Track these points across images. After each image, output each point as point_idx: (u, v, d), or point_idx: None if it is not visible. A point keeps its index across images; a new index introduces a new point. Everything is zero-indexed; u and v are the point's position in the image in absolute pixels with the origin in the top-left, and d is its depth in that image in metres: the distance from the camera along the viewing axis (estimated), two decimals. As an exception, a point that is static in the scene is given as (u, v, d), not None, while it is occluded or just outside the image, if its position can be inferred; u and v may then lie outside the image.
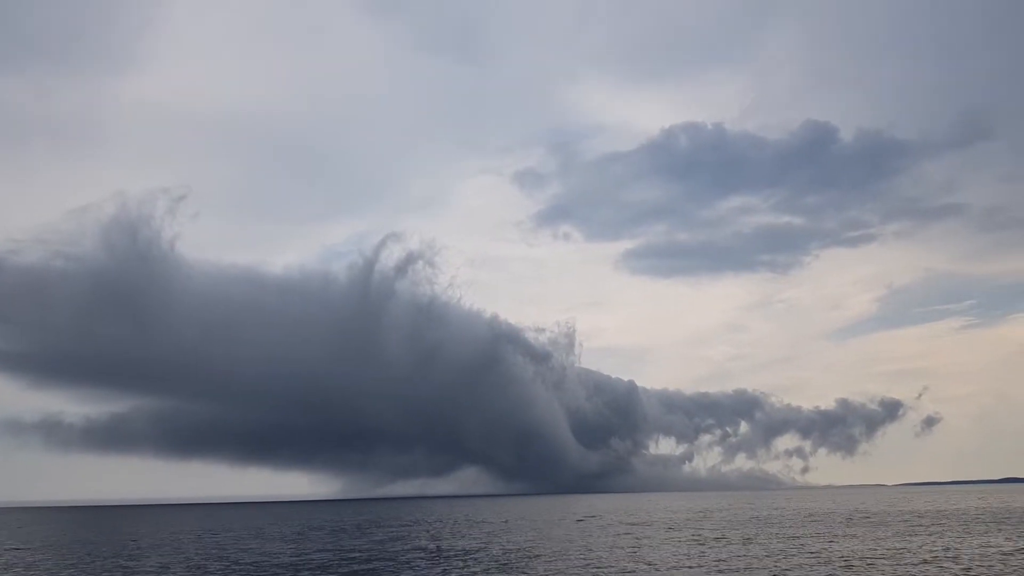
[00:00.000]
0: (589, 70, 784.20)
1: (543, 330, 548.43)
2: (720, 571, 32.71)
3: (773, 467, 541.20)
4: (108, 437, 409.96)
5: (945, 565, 32.71)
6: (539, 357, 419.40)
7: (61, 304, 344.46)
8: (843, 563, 34.68)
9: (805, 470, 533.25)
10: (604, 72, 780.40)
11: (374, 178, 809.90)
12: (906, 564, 33.61)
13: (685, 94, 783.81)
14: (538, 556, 41.41)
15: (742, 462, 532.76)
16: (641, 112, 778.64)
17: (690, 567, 34.48)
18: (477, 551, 44.18)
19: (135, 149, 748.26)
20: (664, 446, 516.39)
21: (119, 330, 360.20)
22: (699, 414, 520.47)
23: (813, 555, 38.39)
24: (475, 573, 33.74)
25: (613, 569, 33.97)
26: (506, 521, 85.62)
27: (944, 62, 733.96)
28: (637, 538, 53.22)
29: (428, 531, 68.95)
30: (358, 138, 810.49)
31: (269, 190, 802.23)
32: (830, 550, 40.72)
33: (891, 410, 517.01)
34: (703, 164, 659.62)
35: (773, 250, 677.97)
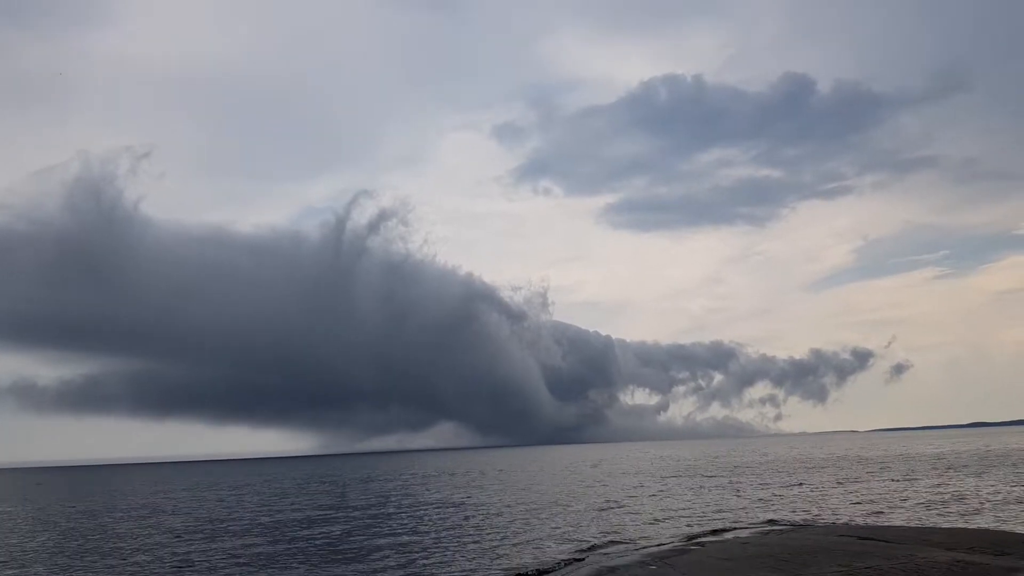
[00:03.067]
0: (568, 22, 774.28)
1: (519, 288, 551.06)
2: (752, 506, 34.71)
3: (747, 415, 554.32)
4: (83, 398, 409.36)
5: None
6: (514, 316, 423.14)
7: (27, 268, 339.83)
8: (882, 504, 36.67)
9: (778, 418, 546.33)
10: (583, 24, 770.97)
11: (352, 135, 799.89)
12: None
13: (665, 46, 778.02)
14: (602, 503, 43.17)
15: (716, 411, 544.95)
16: (621, 64, 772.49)
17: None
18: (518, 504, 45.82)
19: (101, 107, 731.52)
20: (639, 397, 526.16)
21: (86, 293, 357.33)
22: (675, 366, 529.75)
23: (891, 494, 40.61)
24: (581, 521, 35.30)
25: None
26: (501, 471, 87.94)
27: (922, 15, 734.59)
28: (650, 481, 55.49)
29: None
30: (334, 94, 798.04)
31: (241, 148, 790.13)
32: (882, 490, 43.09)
33: (862, 359, 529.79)
34: (683, 117, 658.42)
35: (751, 203, 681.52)
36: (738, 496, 40.42)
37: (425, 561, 22.54)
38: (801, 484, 47.06)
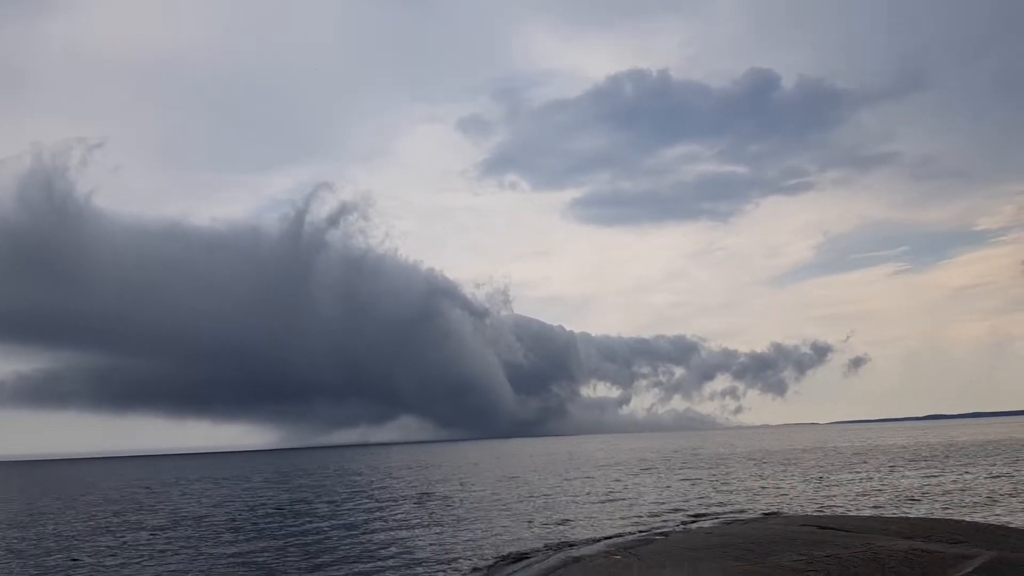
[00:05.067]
0: (536, 17, 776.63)
1: (481, 284, 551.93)
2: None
3: (707, 408, 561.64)
4: (40, 393, 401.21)
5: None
6: (477, 312, 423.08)
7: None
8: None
9: (738, 410, 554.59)
10: (551, 18, 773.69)
11: (316, 127, 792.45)
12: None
13: (631, 41, 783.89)
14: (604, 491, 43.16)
15: (678, 404, 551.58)
16: (587, 59, 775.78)
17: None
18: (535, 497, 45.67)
19: (54, 97, 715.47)
20: (601, 391, 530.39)
21: (41, 288, 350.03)
22: (637, 360, 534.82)
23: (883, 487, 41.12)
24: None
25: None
26: (476, 464, 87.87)
27: (885, 13, 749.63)
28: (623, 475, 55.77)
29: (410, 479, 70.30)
30: (298, 86, 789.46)
31: (199, 139, 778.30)
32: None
33: (821, 353, 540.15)
34: (647, 112, 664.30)
35: (715, 198, 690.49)
36: (703, 488, 40.89)
37: (396, 554, 22.41)
38: (765, 476, 47.77)
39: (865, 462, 57.47)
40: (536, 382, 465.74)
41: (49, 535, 31.08)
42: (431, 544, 23.83)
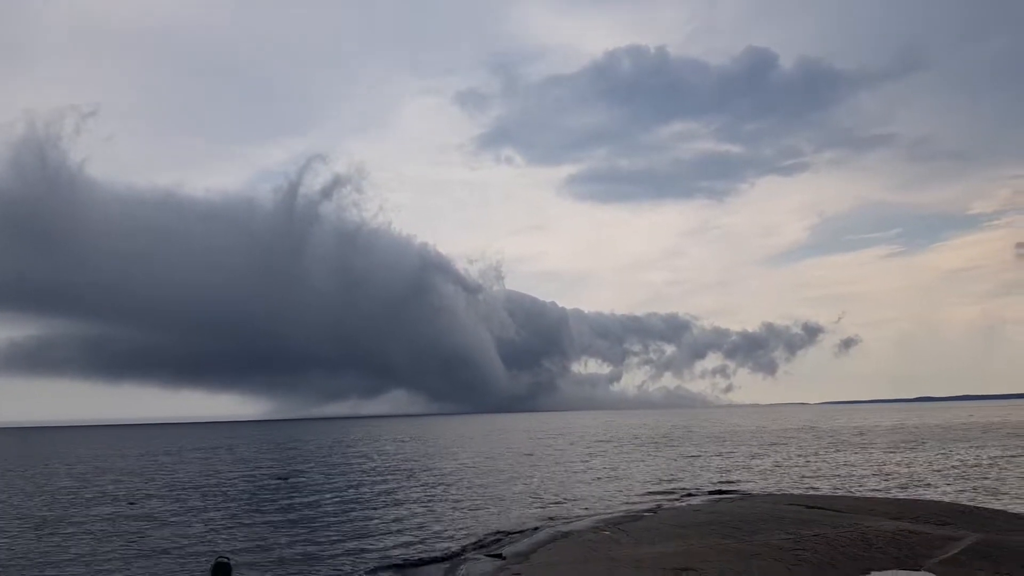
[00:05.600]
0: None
1: (475, 260, 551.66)
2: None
3: (698, 386, 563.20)
4: (34, 360, 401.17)
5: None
6: (470, 288, 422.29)
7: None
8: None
9: (728, 389, 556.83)
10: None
11: (312, 98, 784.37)
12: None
13: (630, 17, 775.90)
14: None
15: (668, 381, 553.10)
16: (586, 34, 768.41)
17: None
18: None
19: (48, 64, 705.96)
20: (592, 367, 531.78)
21: (35, 256, 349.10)
22: (629, 337, 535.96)
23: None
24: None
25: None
26: (470, 438, 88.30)
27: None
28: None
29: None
30: (295, 56, 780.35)
31: (195, 109, 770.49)
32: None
33: (813, 333, 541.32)
34: (646, 88, 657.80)
35: (712, 177, 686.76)
36: (693, 465, 41.13)
37: (392, 527, 22.50)
38: (754, 455, 48.09)
39: (854, 443, 57.88)
40: (528, 358, 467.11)
41: (60, 501, 31.14)
42: (427, 518, 23.93)
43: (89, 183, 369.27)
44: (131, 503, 29.44)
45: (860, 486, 29.32)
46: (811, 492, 27.24)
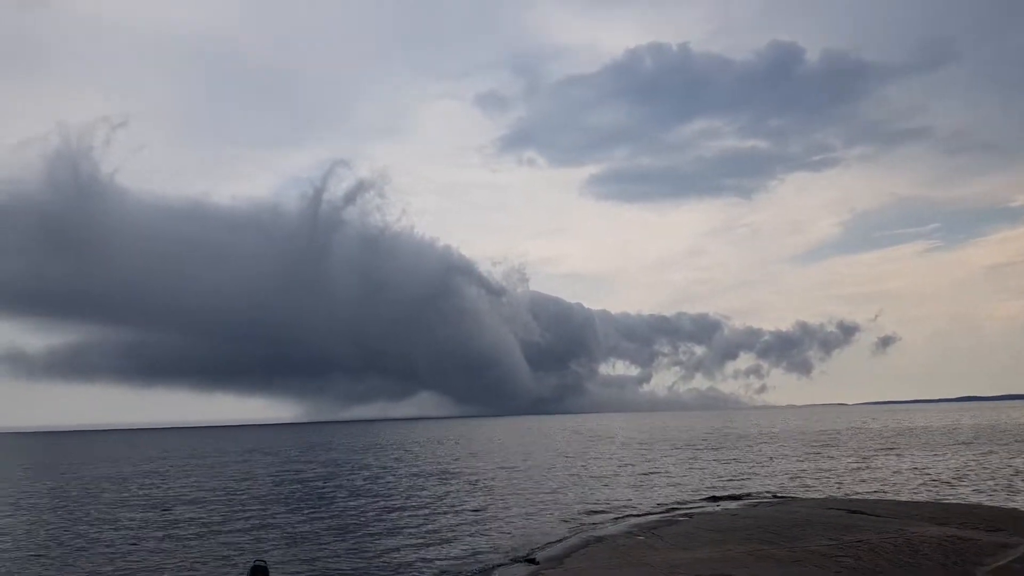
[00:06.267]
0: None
1: (498, 263, 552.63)
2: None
3: (730, 387, 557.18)
4: (71, 366, 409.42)
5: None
6: (494, 290, 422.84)
7: (11, 240, 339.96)
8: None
9: (762, 390, 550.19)
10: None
11: (334, 104, 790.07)
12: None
13: (651, 14, 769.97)
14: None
15: (699, 383, 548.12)
16: (606, 32, 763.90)
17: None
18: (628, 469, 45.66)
19: (79, 76, 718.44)
20: (620, 368, 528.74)
21: (69, 264, 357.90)
22: (657, 338, 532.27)
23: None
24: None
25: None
26: (500, 441, 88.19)
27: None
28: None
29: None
30: (315, 62, 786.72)
31: (220, 118, 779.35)
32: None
33: (848, 332, 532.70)
34: (667, 86, 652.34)
35: (737, 174, 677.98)
36: (729, 468, 40.50)
37: (431, 532, 22.34)
38: (791, 457, 47.29)
39: (896, 444, 56.70)
40: (553, 360, 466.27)
41: (96, 504, 31.42)
42: (461, 521, 23.74)
43: (120, 192, 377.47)
44: (165, 509, 29.60)
45: (904, 490, 28.57)
46: (853, 496, 26.60)
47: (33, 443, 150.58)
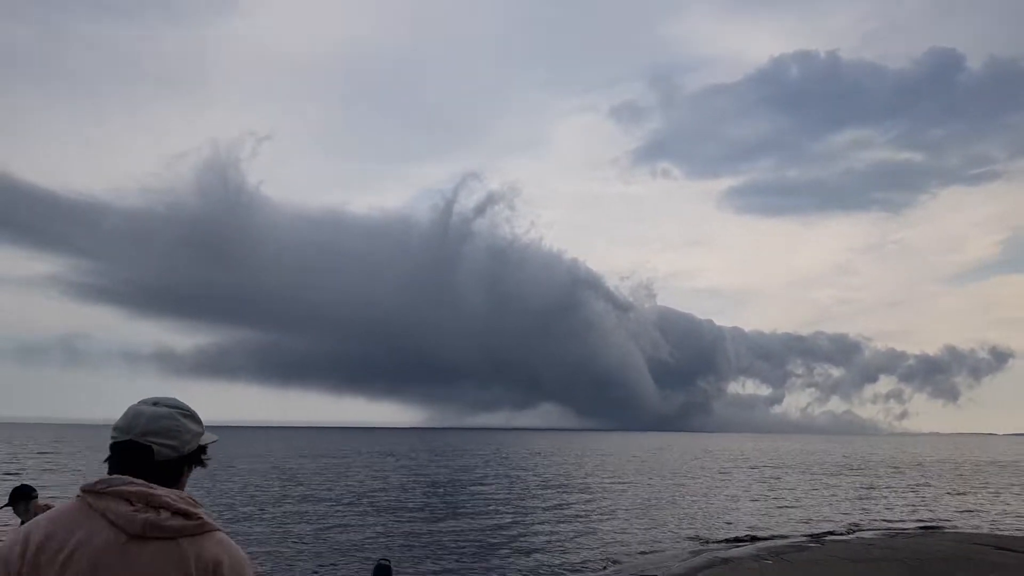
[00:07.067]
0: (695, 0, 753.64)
1: (626, 277, 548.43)
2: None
3: (868, 412, 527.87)
4: (216, 365, 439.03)
5: None
6: (621, 305, 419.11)
7: (164, 246, 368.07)
8: None
9: (903, 415, 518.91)
10: (711, 1, 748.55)
11: (470, 118, 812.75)
12: None
13: (798, 21, 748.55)
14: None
15: (836, 405, 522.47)
16: (749, 42, 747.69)
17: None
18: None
19: (233, 92, 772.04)
20: (750, 388, 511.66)
21: (215, 270, 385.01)
22: (791, 358, 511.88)
23: None
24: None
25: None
26: (636, 456, 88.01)
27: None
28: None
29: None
30: (452, 78, 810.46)
31: (359, 131, 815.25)
32: None
33: (1001, 359, 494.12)
34: (815, 95, 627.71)
35: (888, 188, 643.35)
36: (867, 495, 38.67)
37: (555, 541, 22.70)
38: (933, 485, 44.60)
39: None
40: (680, 377, 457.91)
41: (237, 499, 33.74)
42: (584, 534, 23.93)
43: (264, 202, 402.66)
44: (302, 504, 31.25)
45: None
46: (1002, 533, 24.88)
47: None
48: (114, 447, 2.47)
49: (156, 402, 2.56)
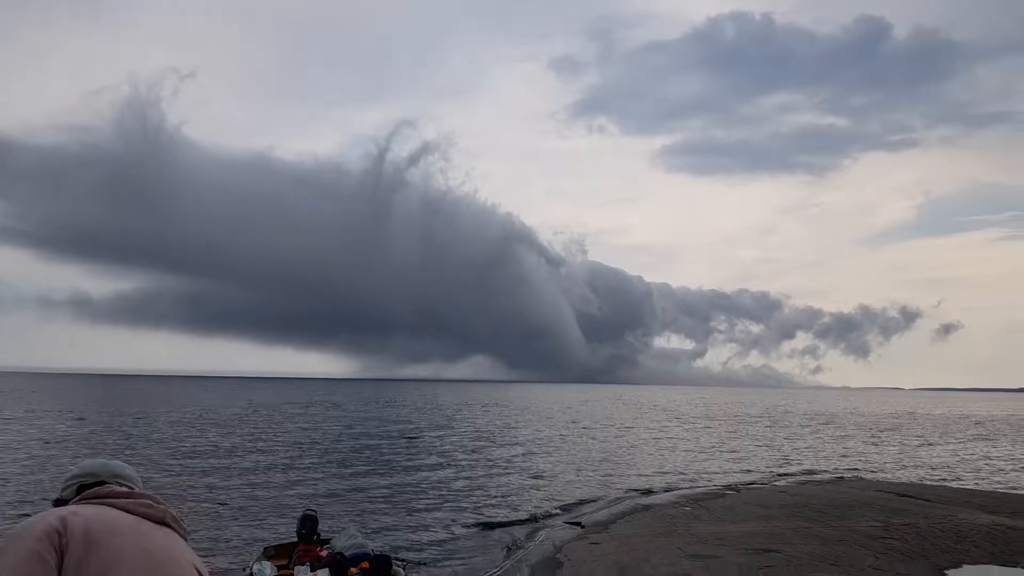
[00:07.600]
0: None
1: (559, 232, 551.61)
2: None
3: (785, 366, 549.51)
4: (138, 312, 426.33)
5: None
6: (553, 260, 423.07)
7: (80, 186, 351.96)
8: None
9: (817, 370, 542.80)
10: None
11: (405, 63, 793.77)
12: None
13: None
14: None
15: (754, 360, 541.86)
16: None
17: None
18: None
19: (155, 25, 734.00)
20: (675, 342, 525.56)
21: (135, 213, 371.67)
22: (715, 314, 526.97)
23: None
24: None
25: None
26: (569, 408, 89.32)
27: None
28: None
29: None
30: (388, 20, 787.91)
31: (289, 72, 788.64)
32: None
33: (910, 317, 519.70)
34: (748, 57, 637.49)
35: (812, 151, 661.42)
36: (781, 446, 40.45)
37: (485, 489, 23.06)
38: (844, 437, 46.93)
39: (954, 431, 55.62)
40: (609, 331, 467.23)
41: (159, 449, 33.15)
42: (513, 482, 24.40)
43: (187, 144, 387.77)
44: (225, 456, 30.98)
45: (955, 476, 28.27)
46: (902, 480, 26.46)
47: (95, 385, 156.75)
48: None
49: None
